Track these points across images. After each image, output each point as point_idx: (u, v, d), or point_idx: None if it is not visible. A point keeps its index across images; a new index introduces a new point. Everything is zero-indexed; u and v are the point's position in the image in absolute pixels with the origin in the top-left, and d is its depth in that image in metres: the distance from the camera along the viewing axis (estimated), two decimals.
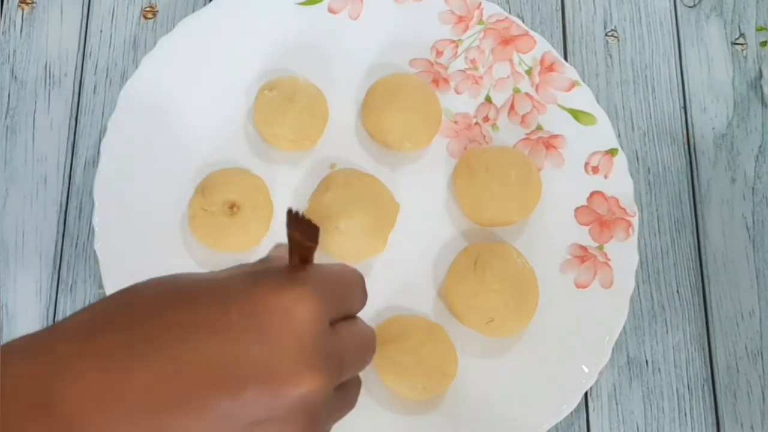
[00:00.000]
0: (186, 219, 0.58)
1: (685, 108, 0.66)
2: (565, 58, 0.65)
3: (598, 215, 0.60)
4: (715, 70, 0.66)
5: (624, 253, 0.58)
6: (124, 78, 0.62)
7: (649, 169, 0.64)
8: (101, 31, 0.65)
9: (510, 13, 0.65)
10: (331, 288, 0.34)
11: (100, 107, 0.63)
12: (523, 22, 0.64)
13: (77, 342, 0.31)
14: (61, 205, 0.61)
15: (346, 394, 0.35)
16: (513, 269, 0.57)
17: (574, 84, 0.62)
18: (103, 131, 0.59)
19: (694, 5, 0.68)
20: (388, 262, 0.58)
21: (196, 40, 0.61)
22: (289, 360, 0.31)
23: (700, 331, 0.60)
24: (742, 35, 0.67)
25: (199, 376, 0.30)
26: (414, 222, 0.59)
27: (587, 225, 0.59)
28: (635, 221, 0.59)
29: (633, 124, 0.65)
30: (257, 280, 0.32)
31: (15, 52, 0.64)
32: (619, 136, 0.63)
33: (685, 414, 0.58)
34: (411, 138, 0.61)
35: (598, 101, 0.62)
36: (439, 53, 0.63)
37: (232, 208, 0.57)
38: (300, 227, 0.33)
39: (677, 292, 0.61)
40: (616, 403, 0.58)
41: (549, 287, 0.58)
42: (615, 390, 0.58)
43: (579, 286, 0.58)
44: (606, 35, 0.67)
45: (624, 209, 0.59)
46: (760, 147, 0.65)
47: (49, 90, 0.63)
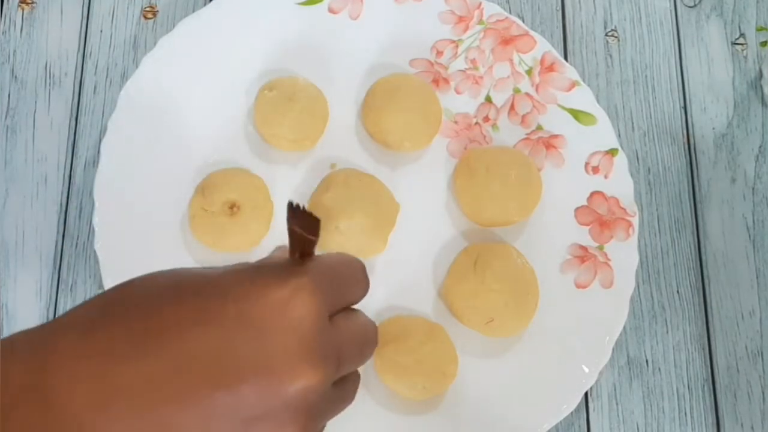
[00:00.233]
0: (186, 219, 0.58)
1: (685, 108, 0.66)
2: (566, 58, 0.65)
3: (599, 215, 0.59)
4: (716, 70, 0.66)
5: (624, 253, 0.58)
6: (124, 78, 0.62)
7: (649, 169, 0.64)
8: (101, 31, 0.65)
9: (510, 13, 0.65)
10: (330, 280, 0.33)
11: (100, 107, 0.63)
12: (523, 22, 0.64)
13: (76, 338, 0.31)
14: (61, 205, 0.61)
15: (345, 388, 0.35)
16: (513, 269, 0.57)
17: (574, 84, 0.62)
18: (103, 131, 0.59)
19: (695, 5, 0.68)
20: (388, 262, 0.58)
21: (196, 40, 0.61)
22: (287, 355, 0.31)
23: (700, 331, 0.60)
24: (742, 35, 0.67)
25: (197, 371, 0.30)
26: (414, 222, 0.59)
27: (587, 225, 0.59)
28: (635, 221, 0.59)
29: (633, 124, 0.65)
30: (255, 276, 0.32)
31: (15, 52, 0.64)
32: (619, 136, 0.63)
33: (686, 414, 0.58)
34: (411, 138, 0.61)
35: (598, 101, 0.62)
36: (439, 53, 0.63)
37: (232, 208, 0.57)
38: (301, 221, 0.33)
39: (677, 292, 0.61)
40: (617, 403, 0.58)
41: (549, 287, 0.58)
42: (615, 390, 0.58)
43: (579, 286, 0.58)
44: (606, 35, 0.67)
45: (624, 209, 0.59)
46: (761, 147, 0.65)
47: (49, 90, 0.63)
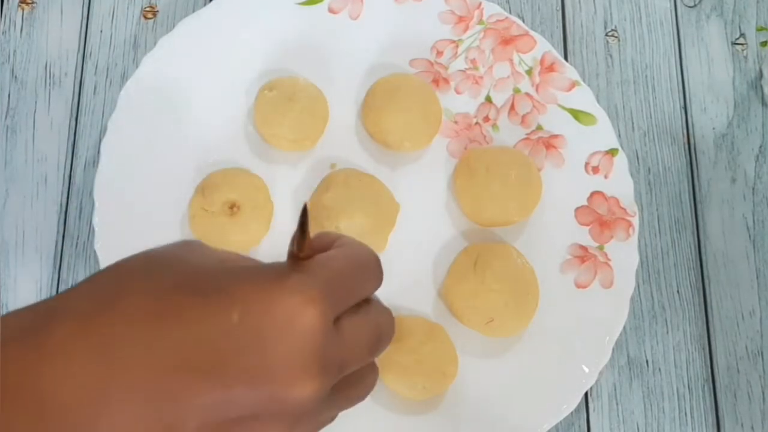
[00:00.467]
0: (186, 219, 0.58)
1: (685, 108, 0.65)
2: (566, 58, 0.65)
3: (599, 215, 0.59)
4: (716, 70, 0.66)
5: (624, 253, 0.58)
6: (124, 78, 0.62)
7: (649, 169, 0.64)
8: (101, 31, 0.65)
9: (510, 13, 0.65)
10: (339, 282, 0.33)
11: (100, 107, 0.63)
12: (523, 22, 0.64)
13: (72, 327, 0.31)
14: (61, 205, 0.61)
15: (354, 384, 0.35)
16: (513, 269, 0.57)
17: (574, 84, 0.62)
18: (103, 131, 0.59)
19: (695, 5, 0.68)
20: (388, 262, 0.57)
21: (196, 40, 0.61)
22: (285, 364, 0.31)
23: (700, 331, 0.60)
24: (742, 35, 0.67)
25: (195, 368, 0.30)
26: (414, 222, 0.59)
27: (587, 225, 0.59)
28: (635, 221, 0.59)
29: (633, 124, 0.65)
30: (266, 281, 0.32)
31: (15, 52, 0.64)
32: (619, 136, 0.63)
33: (686, 414, 0.58)
34: (411, 138, 0.61)
35: (598, 101, 0.62)
36: (439, 53, 0.63)
37: (232, 208, 0.57)
38: (301, 225, 0.33)
39: (677, 292, 0.61)
40: (617, 403, 0.58)
41: (549, 287, 0.58)
42: (615, 390, 0.58)
43: (579, 286, 0.58)
44: (606, 35, 0.67)
45: (624, 209, 0.59)
46: (761, 147, 0.64)
47: (49, 90, 0.63)
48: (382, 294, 0.57)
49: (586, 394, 0.58)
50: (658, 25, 0.67)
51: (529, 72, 0.62)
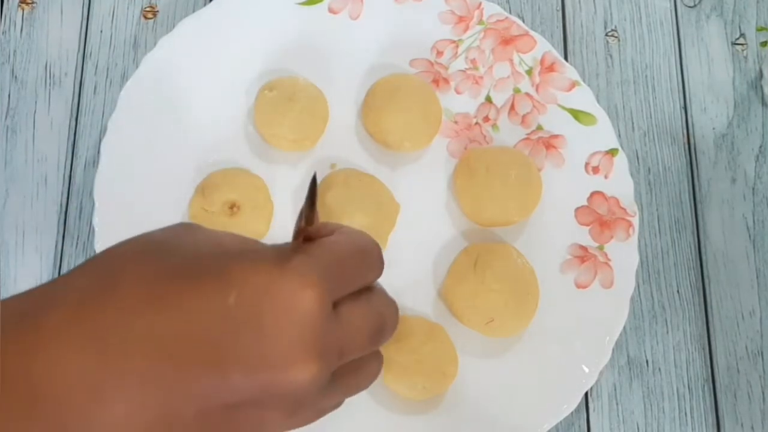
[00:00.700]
0: (186, 219, 0.58)
1: (685, 108, 0.66)
2: (566, 58, 0.65)
3: (599, 215, 0.59)
4: (716, 70, 0.66)
5: (624, 253, 0.58)
6: (124, 78, 0.62)
7: (649, 169, 0.64)
8: (101, 31, 0.65)
9: (510, 13, 0.65)
10: (338, 268, 0.33)
11: (100, 107, 0.63)
12: (523, 22, 0.64)
13: (66, 314, 0.30)
14: (61, 205, 0.61)
15: (358, 371, 0.34)
16: (513, 269, 0.57)
17: (574, 84, 0.62)
18: (103, 131, 0.59)
19: (695, 5, 0.68)
20: (388, 262, 0.58)
21: (196, 40, 0.61)
22: (282, 349, 0.30)
23: (700, 331, 0.60)
24: (742, 35, 0.67)
25: (191, 353, 0.30)
26: (414, 222, 0.59)
27: (587, 225, 0.59)
28: (635, 221, 0.59)
29: (633, 124, 0.65)
30: (262, 264, 0.31)
31: (15, 52, 0.64)
32: (619, 136, 0.63)
33: (686, 414, 0.58)
34: (411, 138, 0.61)
35: (598, 101, 0.62)
36: (439, 53, 0.63)
37: (232, 208, 0.57)
38: (307, 205, 0.33)
39: (677, 292, 0.61)
40: (617, 403, 0.58)
41: (549, 287, 0.58)
42: (615, 390, 0.58)
43: (579, 286, 0.58)
44: (606, 35, 0.67)
45: (624, 209, 0.59)
46: (761, 147, 0.65)
47: (49, 90, 0.63)
48: None
49: (586, 394, 0.58)
50: (658, 25, 0.67)
51: (529, 72, 0.62)
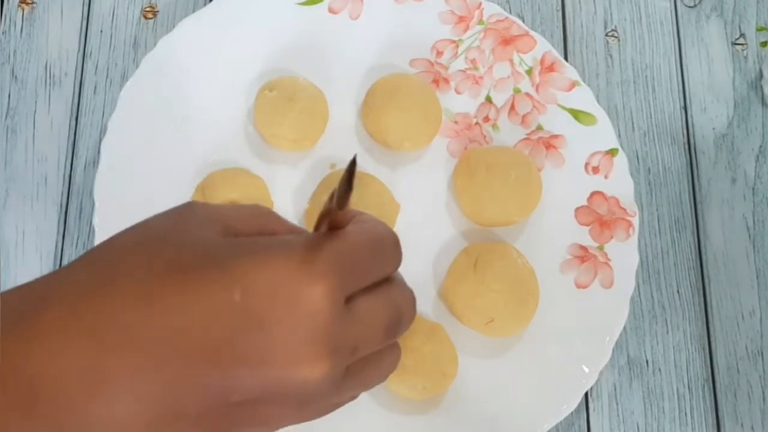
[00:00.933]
0: None
1: (685, 108, 0.66)
2: (566, 58, 0.65)
3: (599, 215, 0.59)
4: (716, 70, 0.66)
5: (624, 253, 0.58)
6: (125, 78, 0.62)
7: (649, 169, 0.64)
8: (101, 31, 0.65)
9: (510, 13, 0.65)
10: (353, 260, 0.31)
11: (100, 107, 0.63)
12: (523, 22, 0.64)
13: (66, 310, 0.29)
14: (61, 205, 0.61)
15: (374, 365, 0.33)
16: (513, 269, 0.57)
17: (574, 84, 0.62)
18: (103, 131, 0.59)
19: (695, 5, 0.68)
20: None
21: (196, 40, 0.61)
22: (291, 349, 0.29)
23: (700, 331, 0.60)
24: (742, 35, 0.67)
25: (196, 351, 0.29)
26: (414, 222, 0.59)
27: (587, 225, 0.59)
28: (635, 221, 0.59)
29: (633, 124, 0.65)
30: (270, 259, 0.30)
31: (15, 52, 0.64)
32: (619, 136, 0.63)
33: (686, 414, 0.58)
34: (411, 138, 0.61)
35: (598, 101, 0.62)
36: (439, 53, 0.63)
37: None
38: (341, 188, 0.31)
39: (677, 292, 0.61)
40: (617, 404, 0.58)
41: (549, 287, 0.58)
42: (615, 390, 0.58)
43: (579, 286, 0.58)
44: (606, 35, 0.67)
45: (624, 209, 0.59)
46: (761, 147, 0.64)
47: (49, 90, 0.63)
48: None
49: (586, 394, 0.58)
50: (658, 25, 0.67)
51: (529, 72, 0.62)
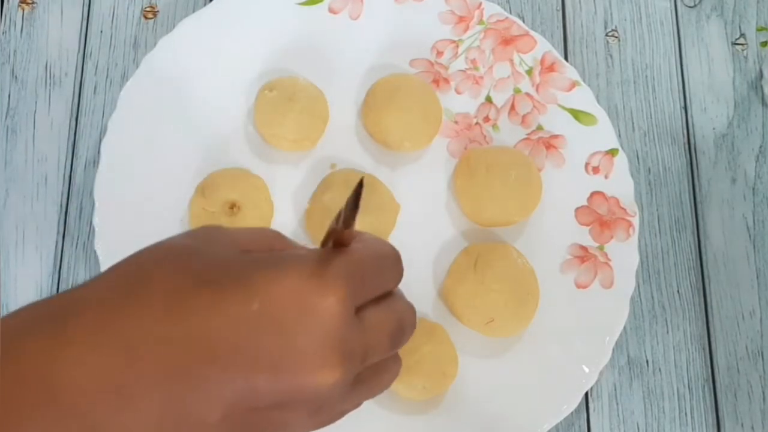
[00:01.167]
0: (186, 219, 0.58)
1: (685, 108, 0.65)
2: (566, 58, 0.65)
3: (599, 215, 0.59)
4: (716, 70, 0.66)
5: (624, 253, 0.58)
6: (125, 78, 0.62)
7: (649, 169, 0.64)
8: (101, 32, 0.65)
9: (510, 13, 0.65)
10: (361, 275, 0.33)
11: (100, 107, 0.63)
12: (523, 22, 0.64)
13: (91, 322, 0.31)
14: (61, 205, 0.61)
15: (380, 374, 0.35)
16: (513, 269, 0.57)
17: (574, 84, 0.62)
18: (103, 131, 0.59)
19: (695, 5, 0.68)
20: None
21: (196, 40, 0.61)
22: (307, 354, 0.31)
23: (700, 331, 0.60)
24: (742, 35, 0.67)
25: (216, 359, 0.30)
26: (414, 222, 0.59)
27: (587, 225, 0.59)
28: (636, 221, 0.59)
29: (633, 124, 0.65)
30: (285, 271, 0.32)
31: (15, 52, 0.64)
32: (619, 136, 0.63)
33: (686, 414, 0.58)
34: (411, 138, 0.61)
35: (598, 101, 0.62)
36: (439, 53, 0.63)
37: (233, 208, 0.57)
38: (347, 209, 0.33)
39: (678, 292, 0.61)
40: (617, 404, 0.58)
41: (549, 287, 0.58)
42: (615, 390, 0.58)
43: (579, 286, 0.58)
44: (606, 35, 0.67)
45: (624, 209, 0.59)
46: (761, 147, 0.64)
47: (49, 90, 0.63)
48: None
49: (586, 394, 0.58)
50: (658, 25, 0.67)
51: (529, 72, 0.62)
